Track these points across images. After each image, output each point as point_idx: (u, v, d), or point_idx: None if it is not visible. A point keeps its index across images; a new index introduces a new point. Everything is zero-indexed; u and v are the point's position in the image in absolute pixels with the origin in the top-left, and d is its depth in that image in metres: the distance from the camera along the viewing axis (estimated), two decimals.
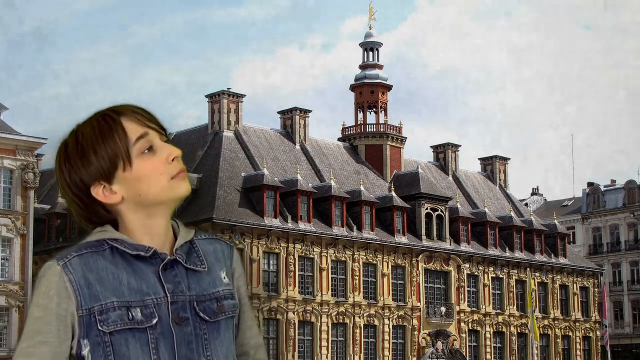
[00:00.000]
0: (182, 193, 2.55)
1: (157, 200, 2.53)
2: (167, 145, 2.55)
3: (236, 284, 2.66)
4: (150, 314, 2.46)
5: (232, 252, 2.69)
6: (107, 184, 2.51)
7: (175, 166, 2.54)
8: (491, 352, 70.09)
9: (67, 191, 2.55)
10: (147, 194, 2.52)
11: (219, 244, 2.67)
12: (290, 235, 60.11)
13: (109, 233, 2.53)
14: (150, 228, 2.55)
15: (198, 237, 2.64)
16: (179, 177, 2.54)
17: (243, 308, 2.66)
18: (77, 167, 2.51)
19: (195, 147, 64.50)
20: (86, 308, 2.44)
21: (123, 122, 2.51)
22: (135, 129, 2.51)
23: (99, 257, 2.49)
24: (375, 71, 74.87)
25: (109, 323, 2.43)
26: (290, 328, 59.56)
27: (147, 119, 2.55)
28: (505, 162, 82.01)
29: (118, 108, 2.55)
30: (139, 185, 2.51)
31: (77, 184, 2.53)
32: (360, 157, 72.08)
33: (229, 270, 2.65)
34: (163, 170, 2.52)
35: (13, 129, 53.72)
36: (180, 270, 2.54)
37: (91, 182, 2.51)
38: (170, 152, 2.53)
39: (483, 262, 70.29)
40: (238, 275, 2.68)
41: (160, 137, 2.55)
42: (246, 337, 2.68)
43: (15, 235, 51.74)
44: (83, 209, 2.56)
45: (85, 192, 2.53)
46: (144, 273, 2.50)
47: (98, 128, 2.51)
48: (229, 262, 2.66)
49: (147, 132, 2.52)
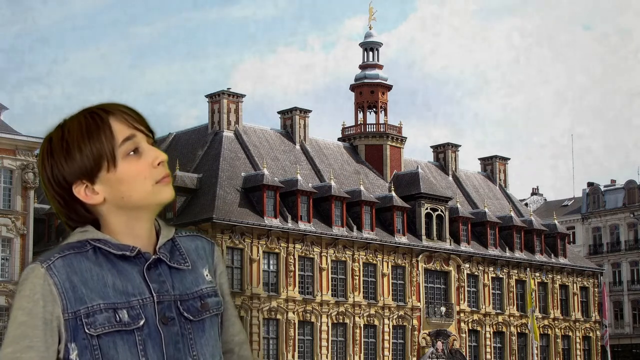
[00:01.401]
0: (166, 199, 2.51)
1: (140, 204, 2.48)
2: (154, 149, 2.50)
3: (218, 281, 2.63)
4: (137, 315, 2.42)
5: (214, 249, 2.65)
6: (90, 184, 2.46)
7: (160, 171, 2.49)
8: (491, 352, 70.08)
9: (49, 187, 2.49)
10: (130, 197, 2.47)
11: (200, 241, 2.63)
12: (290, 235, 60.11)
13: (91, 233, 2.48)
14: (133, 230, 2.50)
15: (179, 234, 2.60)
16: (164, 182, 2.49)
17: (226, 305, 2.63)
18: (61, 163, 2.45)
19: (195, 147, 64.53)
20: (72, 311, 2.40)
21: (111, 121, 2.46)
22: (122, 130, 2.46)
23: (83, 259, 2.44)
24: (375, 71, 74.86)
25: (96, 326, 2.39)
26: (290, 328, 59.55)
27: (136, 120, 2.49)
28: (505, 162, 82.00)
29: (107, 107, 2.49)
30: (122, 188, 2.46)
31: (59, 181, 2.47)
32: (360, 157, 72.07)
33: (211, 267, 2.61)
34: (147, 175, 2.47)
35: (13, 129, 53.71)
36: (164, 269, 2.51)
37: (73, 181, 2.46)
38: (156, 156, 2.48)
39: (483, 262, 70.29)
40: (220, 272, 2.65)
41: (147, 139, 2.50)
42: (230, 333, 2.66)
43: (15, 235, 51.74)
44: (63, 206, 2.50)
45: (66, 190, 2.47)
46: (129, 273, 2.46)
47: (85, 125, 2.45)
48: (211, 259, 2.63)
49: (135, 134, 2.47)
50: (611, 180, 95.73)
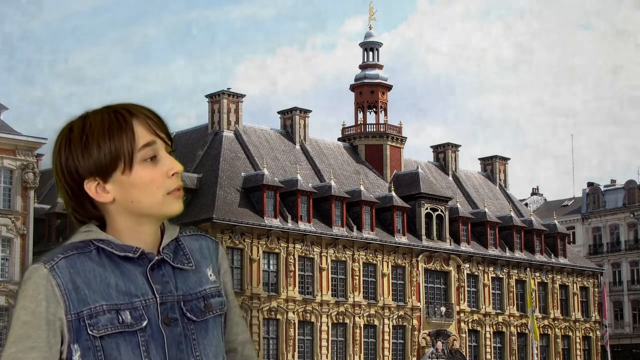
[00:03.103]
0: (174, 212, 2.50)
1: (148, 212, 2.47)
2: (171, 158, 2.49)
3: (222, 280, 2.63)
4: (139, 316, 2.43)
5: (218, 248, 2.65)
6: (102, 182, 2.45)
7: (174, 182, 2.48)
8: (491, 352, 70.09)
9: (60, 177, 2.48)
10: (139, 203, 2.46)
11: (204, 241, 2.63)
12: (290, 235, 60.11)
13: (94, 233, 2.47)
14: (138, 233, 2.50)
15: (183, 233, 2.60)
16: (175, 194, 2.49)
17: (230, 305, 2.63)
18: (77, 155, 2.44)
19: (195, 147, 64.53)
20: (75, 312, 2.40)
21: (134, 124, 2.45)
22: (144, 135, 2.45)
23: (86, 259, 2.44)
24: (375, 71, 74.87)
25: (99, 327, 2.39)
26: (290, 328, 59.55)
27: (158, 126, 2.49)
28: (505, 162, 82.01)
29: (132, 108, 2.48)
30: (134, 192, 2.46)
31: (72, 173, 2.46)
32: (360, 157, 72.08)
33: (214, 266, 2.62)
34: (161, 184, 2.46)
35: (13, 129, 53.71)
36: (168, 270, 2.51)
37: (86, 175, 2.45)
38: (171, 167, 2.47)
39: (483, 262, 70.29)
40: (224, 271, 2.65)
41: (166, 147, 2.49)
42: (233, 333, 2.66)
43: (15, 235, 51.74)
44: (72, 198, 2.49)
45: (77, 183, 2.46)
46: (132, 274, 2.46)
47: (108, 123, 2.44)
48: (215, 258, 2.63)
49: (155, 140, 2.46)
50: (611, 180, 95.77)
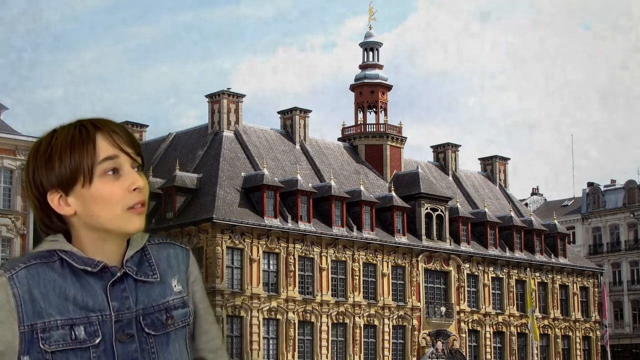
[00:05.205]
0: (132, 229, 2.48)
1: (107, 227, 2.46)
2: (134, 173, 2.48)
3: (191, 289, 2.62)
4: (94, 331, 2.43)
5: (188, 256, 2.64)
6: (64, 194, 2.47)
7: (135, 197, 2.47)
8: (491, 352, 70.09)
9: (28, 189, 2.52)
10: (98, 217, 2.46)
11: (173, 249, 2.62)
12: (290, 235, 60.11)
13: (59, 244, 2.48)
14: (101, 248, 2.50)
15: (151, 242, 2.59)
16: (136, 210, 2.47)
17: (199, 313, 2.63)
18: (41, 168, 2.48)
19: (195, 147, 64.57)
20: (28, 324, 2.40)
21: (97, 137, 2.46)
22: (105, 149, 2.46)
23: (48, 269, 2.44)
24: (375, 71, 74.87)
25: (51, 342, 2.39)
26: (290, 328, 59.54)
27: (124, 141, 2.48)
28: (505, 162, 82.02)
29: (98, 122, 2.49)
30: (93, 207, 2.45)
31: (37, 185, 2.49)
32: (360, 157, 72.08)
33: (182, 275, 2.60)
34: (120, 198, 2.45)
35: (13, 129, 53.72)
36: (130, 284, 2.50)
37: (49, 188, 2.47)
38: (133, 181, 2.46)
39: (483, 262, 70.30)
40: (194, 279, 2.64)
41: (132, 163, 2.49)
42: (202, 341, 2.65)
43: (15, 235, 51.74)
44: (39, 210, 2.51)
45: (43, 196, 2.49)
46: (92, 288, 2.46)
47: (72, 137, 2.46)
48: (184, 266, 2.62)
49: (118, 154, 2.46)
50: (611, 180, 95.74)
